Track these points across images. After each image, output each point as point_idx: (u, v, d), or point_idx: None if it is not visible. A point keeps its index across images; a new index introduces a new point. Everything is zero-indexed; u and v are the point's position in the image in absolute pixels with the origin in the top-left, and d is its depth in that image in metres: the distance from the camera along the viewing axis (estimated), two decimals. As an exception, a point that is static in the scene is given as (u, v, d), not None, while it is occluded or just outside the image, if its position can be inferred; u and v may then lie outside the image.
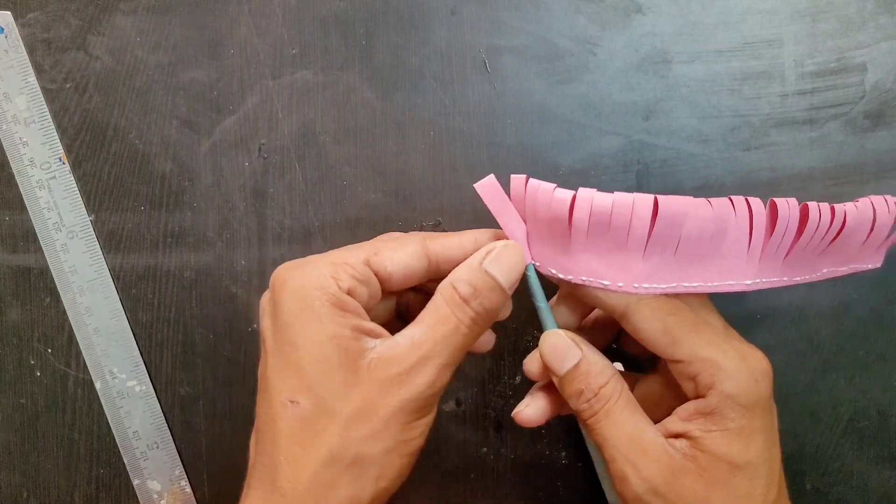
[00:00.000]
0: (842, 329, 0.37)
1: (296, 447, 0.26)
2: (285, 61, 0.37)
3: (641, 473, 0.26)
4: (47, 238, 0.37)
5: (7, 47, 0.36)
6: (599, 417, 0.28)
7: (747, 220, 0.28)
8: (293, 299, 0.27)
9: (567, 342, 0.29)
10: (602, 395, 0.28)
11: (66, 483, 0.38)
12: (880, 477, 0.37)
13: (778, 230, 0.28)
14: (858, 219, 0.29)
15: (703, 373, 0.27)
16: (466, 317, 0.27)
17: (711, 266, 0.28)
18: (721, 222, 0.27)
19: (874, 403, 0.37)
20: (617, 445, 0.27)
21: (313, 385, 0.26)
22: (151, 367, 0.38)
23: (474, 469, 0.38)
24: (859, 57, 0.36)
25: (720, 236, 0.27)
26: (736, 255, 0.28)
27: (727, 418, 0.27)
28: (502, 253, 0.28)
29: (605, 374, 0.28)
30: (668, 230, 0.27)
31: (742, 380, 0.27)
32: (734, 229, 0.28)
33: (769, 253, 0.28)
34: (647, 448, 0.27)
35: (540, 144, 0.36)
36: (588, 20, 0.36)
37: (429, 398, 0.26)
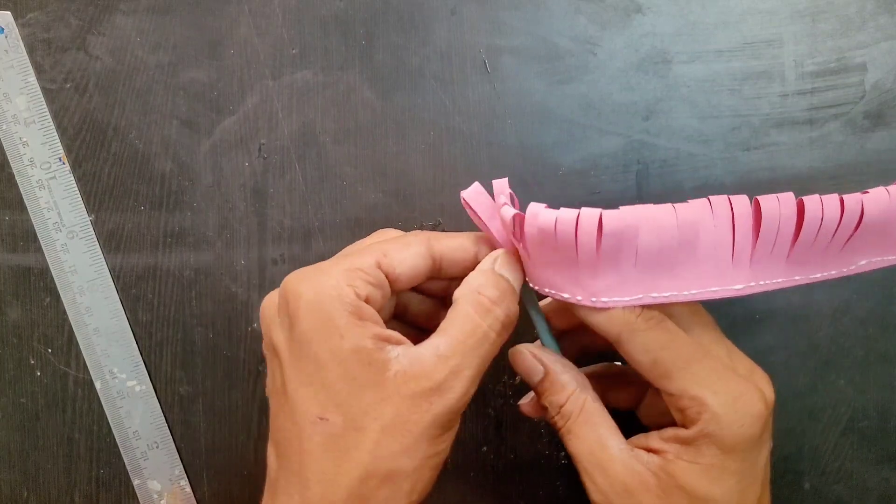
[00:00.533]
0: (842, 329, 0.37)
1: (327, 464, 0.26)
2: (285, 61, 0.37)
3: (598, 487, 0.28)
4: (47, 238, 0.37)
5: (7, 47, 0.36)
6: (564, 432, 0.29)
7: (728, 221, 0.26)
8: (310, 313, 0.26)
9: (528, 358, 0.30)
10: (563, 412, 0.29)
11: (66, 483, 0.38)
12: (879, 477, 0.37)
13: (766, 231, 0.26)
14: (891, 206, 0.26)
15: (690, 409, 0.27)
16: (497, 322, 0.27)
17: (686, 274, 0.26)
18: (688, 230, 0.25)
19: (874, 403, 0.37)
20: (579, 459, 0.28)
21: (341, 402, 0.26)
22: (151, 367, 0.38)
23: (474, 469, 0.38)
24: (859, 57, 0.36)
25: (690, 243, 0.26)
26: (717, 260, 0.26)
27: (701, 454, 0.27)
28: (508, 258, 0.29)
29: (565, 392, 0.29)
30: (618, 245, 0.25)
31: (726, 423, 0.26)
32: (709, 234, 0.26)
33: (762, 255, 0.26)
34: (606, 463, 0.28)
35: (540, 144, 0.36)
36: (588, 20, 0.36)
37: (459, 410, 0.27)
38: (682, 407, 0.27)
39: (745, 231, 0.26)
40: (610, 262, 0.26)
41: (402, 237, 0.30)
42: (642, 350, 0.27)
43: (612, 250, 0.25)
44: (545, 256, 0.27)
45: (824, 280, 0.28)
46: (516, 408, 0.37)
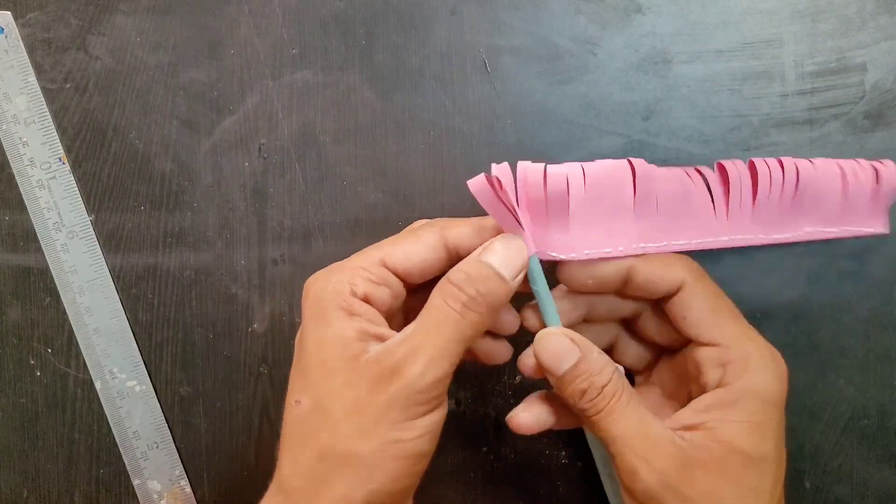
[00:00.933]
0: (842, 329, 0.37)
1: (296, 445, 0.27)
2: (285, 61, 0.37)
3: (652, 466, 0.26)
4: (47, 238, 0.37)
5: (7, 47, 0.36)
6: (603, 415, 0.27)
7: (703, 182, 0.31)
8: (311, 305, 0.28)
9: (565, 342, 0.28)
10: (605, 393, 0.27)
11: (66, 483, 0.38)
12: (880, 476, 0.37)
13: (733, 187, 0.31)
14: (817, 175, 0.31)
15: (736, 361, 0.28)
16: (457, 303, 0.26)
17: (688, 225, 0.30)
18: (682, 183, 0.30)
19: (874, 403, 0.37)
20: (625, 441, 0.27)
21: (314, 386, 0.26)
22: (151, 367, 0.38)
23: (474, 469, 0.38)
24: (859, 57, 0.36)
25: (686, 196, 0.30)
26: (705, 214, 0.31)
27: (748, 411, 0.27)
28: (498, 243, 0.28)
29: (606, 372, 0.28)
30: (647, 188, 0.29)
31: (770, 376, 0.28)
32: (696, 191, 0.31)
33: (734, 209, 0.31)
34: (657, 441, 0.27)
35: (540, 144, 0.36)
36: (588, 20, 0.36)
37: (421, 393, 0.25)
38: (726, 360, 0.28)
39: (717, 189, 0.31)
40: (642, 206, 0.30)
41: (416, 230, 0.30)
42: (705, 295, 0.29)
43: (643, 194, 0.30)
44: (587, 211, 0.29)
45: (781, 243, 0.32)
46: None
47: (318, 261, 0.37)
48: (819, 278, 0.37)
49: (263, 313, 0.37)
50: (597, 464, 0.35)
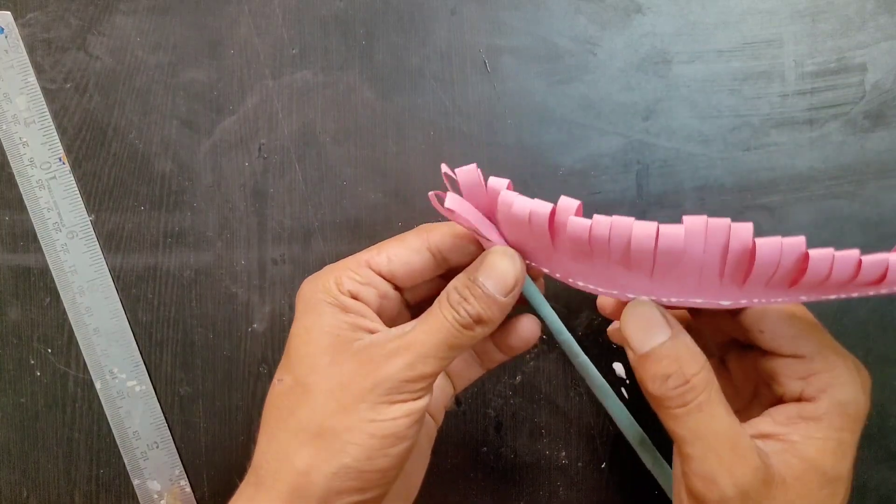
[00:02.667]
0: (842, 329, 0.37)
1: (272, 422, 0.27)
2: (285, 61, 0.37)
3: (734, 477, 0.24)
4: (47, 238, 0.37)
5: (7, 47, 0.36)
6: (691, 409, 0.25)
7: (722, 248, 0.23)
8: (301, 303, 0.28)
9: (657, 315, 0.26)
10: (695, 384, 0.25)
11: (66, 483, 0.38)
12: (880, 477, 0.37)
13: (756, 275, 0.23)
14: None
15: (820, 374, 0.26)
16: (452, 317, 0.26)
17: (669, 285, 0.25)
18: (668, 255, 0.24)
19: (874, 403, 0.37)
20: (710, 444, 0.24)
21: (297, 363, 0.27)
22: (151, 367, 0.38)
23: (474, 469, 0.38)
24: (859, 57, 0.36)
25: (669, 265, 0.24)
26: (702, 280, 0.24)
27: (834, 427, 0.25)
28: (490, 261, 0.27)
29: (698, 361, 0.25)
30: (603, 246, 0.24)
31: (857, 391, 0.26)
32: (694, 260, 0.24)
33: (755, 284, 0.24)
34: (743, 450, 0.24)
35: (540, 144, 0.36)
36: (588, 20, 0.36)
37: (404, 383, 0.26)
38: (808, 373, 0.26)
39: (737, 265, 0.24)
40: (582, 258, 0.25)
41: (402, 234, 0.30)
42: (782, 310, 0.27)
43: (582, 252, 0.25)
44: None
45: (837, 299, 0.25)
46: (516, 408, 0.37)
47: (318, 261, 0.37)
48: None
49: (263, 313, 0.37)
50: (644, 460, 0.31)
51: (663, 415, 0.26)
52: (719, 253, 0.23)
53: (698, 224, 0.23)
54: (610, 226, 0.24)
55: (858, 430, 0.26)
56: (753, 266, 0.23)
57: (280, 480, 0.25)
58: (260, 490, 0.26)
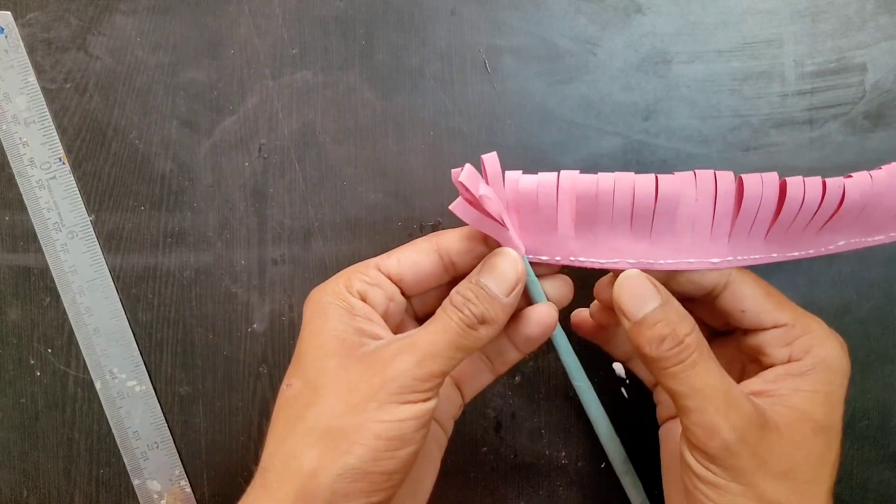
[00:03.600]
0: (842, 329, 0.36)
1: (280, 425, 0.27)
2: (285, 61, 0.37)
3: (733, 424, 0.26)
4: (47, 238, 0.37)
5: (7, 47, 0.36)
6: (686, 366, 0.26)
7: (710, 197, 0.27)
8: (310, 307, 0.29)
9: (647, 284, 0.27)
10: (686, 343, 0.27)
11: (66, 483, 0.38)
12: (880, 477, 0.37)
13: (746, 209, 0.27)
14: (872, 191, 0.27)
15: (803, 337, 0.28)
16: (457, 318, 0.27)
17: (662, 244, 0.28)
18: (667, 201, 0.27)
19: (874, 403, 0.37)
20: (707, 395, 0.26)
21: (307, 368, 0.27)
22: (151, 367, 0.38)
23: (474, 469, 0.38)
24: (859, 57, 0.36)
25: (669, 214, 0.27)
26: (695, 234, 0.27)
27: (819, 381, 0.27)
28: (491, 261, 0.28)
29: (689, 322, 0.27)
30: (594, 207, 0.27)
31: (837, 349, 0.28)
32: (689, 207, 0.27)
33: (741, 231, 0.28)
34: (737, 399, 0.26)
35: (540, 144, 0.36)
36: (588, 20, 0.36)
37: (413, 381, 0.26)
38: (792, 338, 0.28)
39: (726, 208, 0.27)
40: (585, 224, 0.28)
41: (414, 240, 0.31)
42: (755, 284, 0.29)
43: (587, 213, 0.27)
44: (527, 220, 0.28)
45: (801, 258, 0.29)
46: (516, 408, 0.37)
47: (318, 261, 0.37)
48: (819, 279, 0.37)
49: (263, 313, 0.37)
50: (614, 463, 0.34)
51: (661, 375, 0.27)
52: (710, 199, 0.27)
53: (688, 174, 0.27)
54: (614, 179, 0.27)
55: (844, 385, 0.28)
56: (742, 204, 0.26)
57: (287, 482, 0.25)
58: (266, 493, 0.26)
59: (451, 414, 0.32)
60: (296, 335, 0.37)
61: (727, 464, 0.26)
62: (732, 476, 0.26)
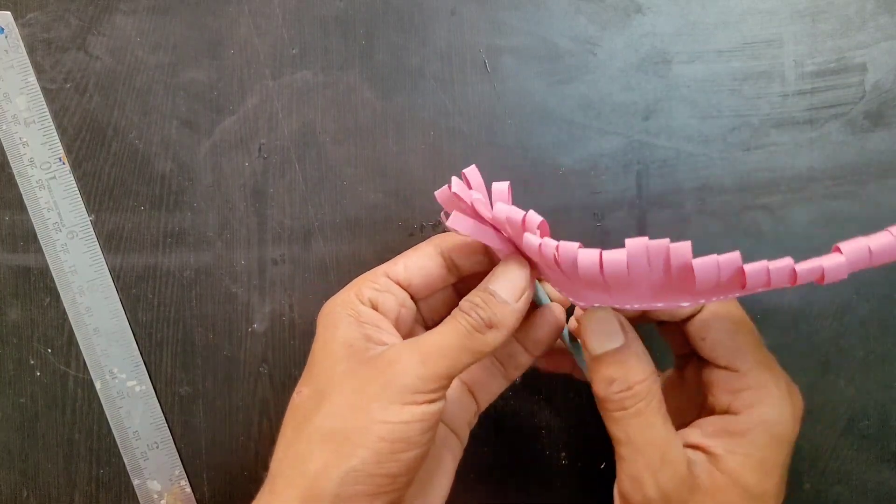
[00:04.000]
0: (842, 329, 0.37)
1: (289, 430, 0.27)
2: (285, 61, 0.37)
3: (659, 481, 0.26)
4: (47, 238, 0.37)
5: (7, 47, 0.36)
6: (629, 414, 0.27)
7: (663, 268, 0.24)
8: (322, 318, 0.29)
9: (614, 323, 0.27)
10: (636, 392, 0.26)
11: (66, 483, 0.38)
12: (879, 477, 0.37)
13: (700, 288, 0.23)
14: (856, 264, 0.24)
15: (749, 391, 0.27)
16: (466, 321, 0.27)
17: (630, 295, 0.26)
18: (616, 279, 0.24)
19: (874, 403, 0.37)
20: (640, 450, 0.26)
21: (316, 375, 0.27)
22: (151, 367, 0.38)
23: (474, 469, 0.38)
24: (859, 57, 0.36)
25: (622, 284, 0.25)
26: (655, 288, 0.25)
27: (756, 445, 0.26)
28: (499, 271, 0.28)
29: (644, 370, 0.27)
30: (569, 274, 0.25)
31: (784, 412, 0.27)
32: (643, 278, 0.24)
33: (704, 289, 0.24)
34: (672, 459, 0.26)
35: (540, 144, 0.36)
36: (588, 20, 0.36)
37: (417, 381, 0.26)
38: (740, 388, 0.27)
39: (682, 280, 0.24)
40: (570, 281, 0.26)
41: (418, 244, 0.31)
42: (723, 319, 0.28)
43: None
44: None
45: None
46: (516, 408, 0.37)
47: (318, 261, 0.37)
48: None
49: (263, 313, 0.37)
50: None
51: (605, 417, 0.27)
52: (663, 270, 0.24)
53: (639, 247, 0.23)
54: (556, 248, 0.25)
55: (785, 452, 0.27)
56: (695, 282, 0.23)
57: (293, 486, 0.25)
58: (273, 497, 0.26)
59: (466, 420, 0.32)
60: (296, 335, 0.37)
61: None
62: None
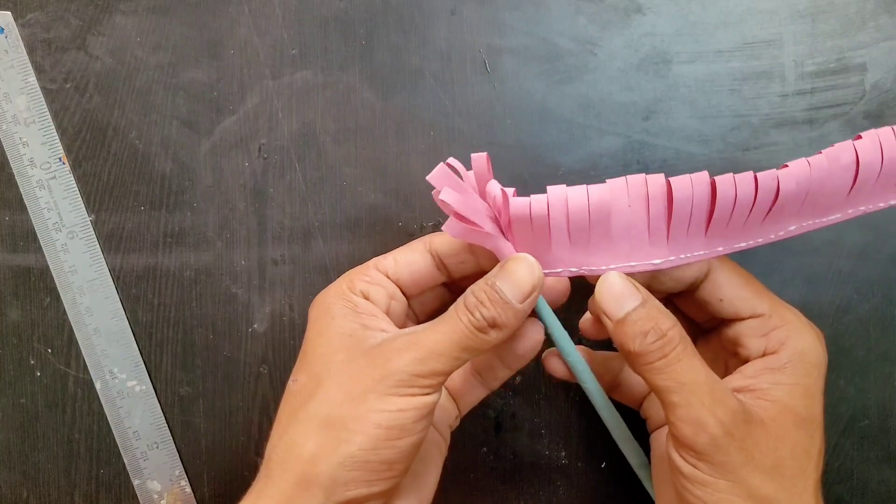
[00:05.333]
0: (842, 329, 0.37)
1: (284, 417, 0.28)
2: (285, 61, 0.37)
3: (719, 418, 0.26)
4: (47, 238, 0.37)
5: (7, 47, 0.36)
6: (671, 360, 0.26)
7: (643, 202, 0.27)
8: (315, 309, 0.29)
9: (628, 284, 0.28)
10: (671, 337, 0.26)
11: (66, 483, 0.38)
12: (880, 477, 0.37)
13: (678, 213, 0.27)
14: (812, 177, 0.26)
15: (779, 328, 0.28)
16: (468, 319, 0.27)
17: (602, 252, 0.28)
18: (599, 211, 0.27)
19: (874, 403, 0.37)
20: (693, 390, 0.26)
21: (313, 362, 0.28)
22: (151, 367, 0.38)
23: (474, 469, 0.38)
24: (859, 57, 0.36)
25: (603, 224, 0.27)
26: (633, 239, 0.27)
27: (798, 374, 0.27)
28: (508, 267, 0.28)
29: (670, 318, 0.27)
30: (541, 226, 0.27)
31: (814, 341, 0.28)
32: (623, 215, 0.27)
33: (678, 233, 0.27)
34: (721, 394, 0.26)
35: (540, 144, 0.36)
36: (588, 20, 0.36)
37: (414, 377, 0.26)
38: (769, 328, 0.29)
39: (659, 211, 0.27)
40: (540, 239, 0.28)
41: (411, 242, 0.31)
42: (734, 273, 0.29)
43: (537, 231, 0.28)
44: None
45: (751, 248, 0.29)
46: (516, 408, 0.37)
47: (318, 261, 0.37)
48: (819, 278, 0.37)
49: (263, 313, 0.37)
50: (628, 458, 0.33)
51: (646, 371, 0.27)
52: (643, 203, 0.27)
53: (619, 180, 0.27)
54: (547, 198, 0.27)
55: (822, 377, 0.28)
56: (672, 207, 0.26)
57: (287, 470, 0.26)
58: (269, 482, 0.26)
59: (447, 423, 0.32)
60: (296, 335, 0.37)
61: (715, 459, 0.26)
62: (720, 473, 0.26)
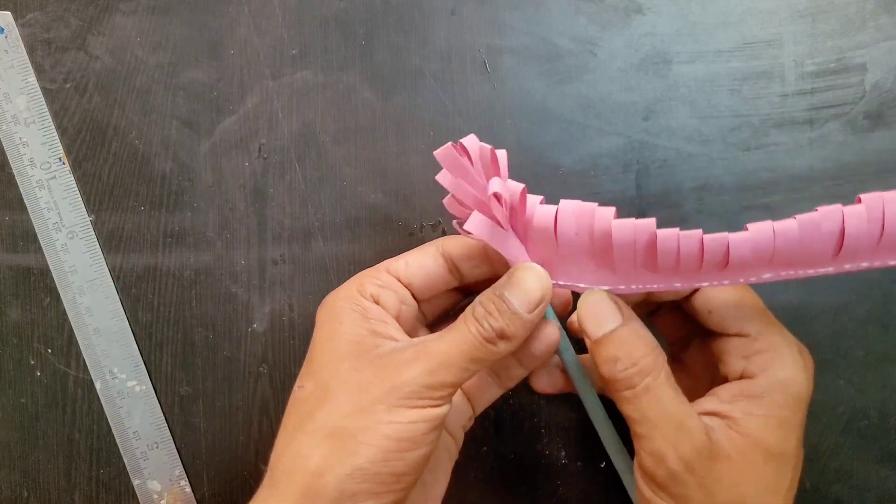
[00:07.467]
0: (842, 329, 0.37)
1: (290, 425, 0.27)
2: (285, 61, 0.37)
3: (680, 452, 0.25)
4: (47, 238, 0.37)
5: (7, 47, 0.36)
6: (637, 392, 0.26)
7: (588, 233, 0.27)
8: (324, 311, 0.29)
9: (609, 304, 0.27)
10: (642, 367, 0.26)
11: (66, 483, 0.38)
12: (879, 476, 0.37)
13: (618, 253, 0.26)
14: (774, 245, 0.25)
15: (763, 353, 0.27)
16: (476, 330, 0.27)
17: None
18: (541, 231, 0.27)
19: (873, 403, 0.37)
20: (656, 423, 0.26)
21: (320, 369, 0.27)
22: (151, 367, 0.38)
23: (474, 469, 0.38)
24: (859, 57, 0.36)
25: (547, 242, 0.27)
26: (580, 264, 0.28)
27: (774, 405, 0.26)
28: (517, 277, 0.27)
29: (647, 345, 0.27)
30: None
31: (798, 371, 0.27)
32: (568, 238, 0.27)
33: (622, 266, 0.27)
34: (689, 428, 0.26)
35: (540, 144, 0.36)
36: (588, 20, 0.36)
37: (424, 389, 0.26)
38: (752, 352, 0.28)
39: (604, 245, 0.27)
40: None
41: (423, 245, 0.31)
42: (727, 290, 0.28)
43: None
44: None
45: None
46: (516, 408, 0.37)
47: (318, 261, 0.37)
48: (818, 279, 0.36)
49: (263, 313, 0.37)
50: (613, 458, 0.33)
51: (615, 398, 0.27)
52: (587, 235, 0.27)
53: (567, 208, 0.27)
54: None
55: (802, 410, 0.27)
56: (614, 246, 0.26)
57: (293, 481, 0.25)
58: (273, 492, 0.26)
59: (460, 424, 0.32)
60: (296, 335, 0.37)
61: (674, 492, 0.26)
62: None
